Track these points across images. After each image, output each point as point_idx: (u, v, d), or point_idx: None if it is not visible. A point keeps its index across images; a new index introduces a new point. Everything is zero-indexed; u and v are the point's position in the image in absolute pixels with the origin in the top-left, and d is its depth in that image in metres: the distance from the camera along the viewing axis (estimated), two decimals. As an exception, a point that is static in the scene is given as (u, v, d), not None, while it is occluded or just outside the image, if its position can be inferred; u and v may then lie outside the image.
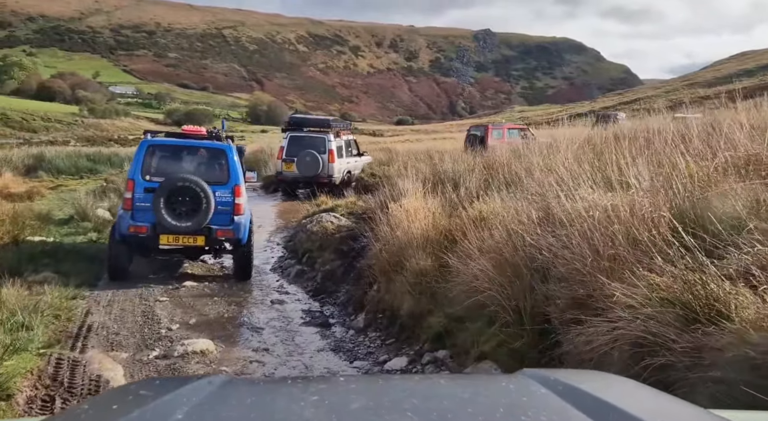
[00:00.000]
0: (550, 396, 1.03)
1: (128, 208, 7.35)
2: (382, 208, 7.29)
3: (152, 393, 1.07)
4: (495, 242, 4.32)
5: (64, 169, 20.65)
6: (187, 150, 7.92)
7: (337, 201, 11.07)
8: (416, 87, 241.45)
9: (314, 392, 1.06)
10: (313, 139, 15.61)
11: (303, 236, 8.92)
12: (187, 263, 8.63)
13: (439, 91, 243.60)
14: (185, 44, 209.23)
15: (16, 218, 8.92)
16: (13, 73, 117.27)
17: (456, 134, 53.50)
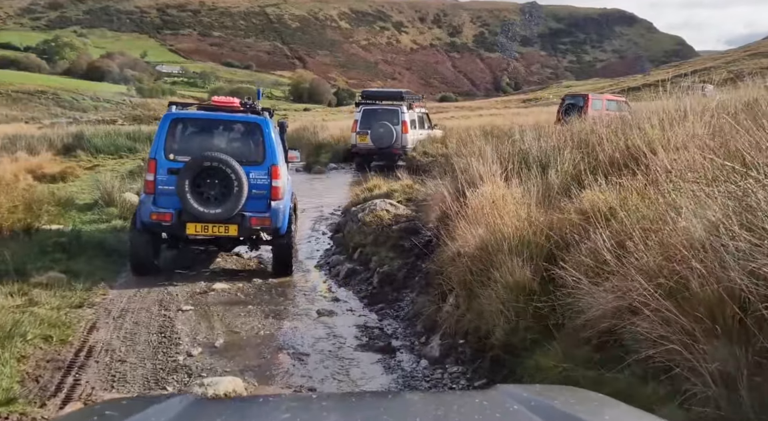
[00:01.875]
0: (523, 412, 1.04)
1: (150, 192, 6.34)
2: (454, 197, 5.87)
3: (118, 414, 1.06)
4: (660, 259, 2.85)
5: (102, 149, 19.85)
6: (217, 124, 6.84)
7: (392, 184, 9.69)
8: (460, 63, 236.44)
9: (286, 409, 1.07)
10: (387, 111, 15.76)
11: (353, 226, 7.59)
12: (219, 257, 7.46)
13: (483, 66, 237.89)
14: (229, 23, 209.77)
15: (31, 204, 7.88)
16: (64, 53, 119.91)
17: (502, 111, 51.15)
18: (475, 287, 4.42)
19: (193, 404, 1.12)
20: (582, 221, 4.21)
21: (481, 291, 4.33)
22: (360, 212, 7.59)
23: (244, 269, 7.18)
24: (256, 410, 1.12)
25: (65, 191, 11.48)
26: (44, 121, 49.09)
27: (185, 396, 1.16)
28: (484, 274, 4.40)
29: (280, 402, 1.19)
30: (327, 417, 1.02)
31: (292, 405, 1.11)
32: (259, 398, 1.33)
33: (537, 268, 4.14)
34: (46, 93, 76.82)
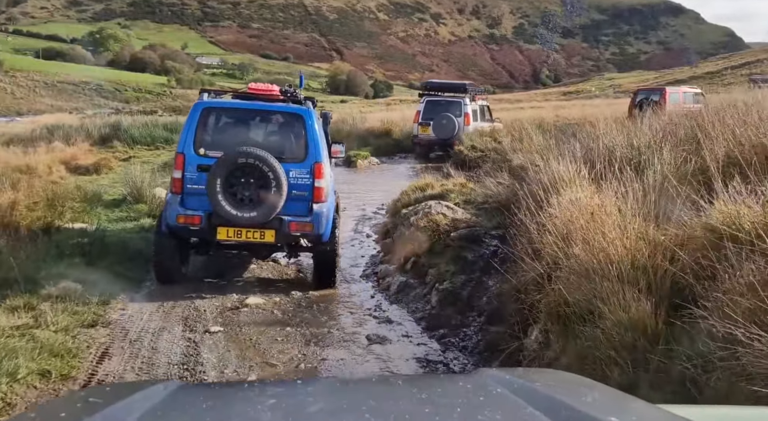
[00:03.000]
0: (506, 395, 1.05)
1: (177, 191, 5.61)
2: (531, 203, 4.91)
3: (102, 400, 1.05)
4: None
5: (139, 139, 19.43)
6: (254, 115, 6.12)
7: (444, 183, 8.76)
8: (498, 55, 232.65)
9: (271, 395, 1.07)
10: (450, 102, 16.00)
11: (405, 231, 6.70)
12: (254, 264, 6.69)
13: (522, 58, 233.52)
14: (268, 15, 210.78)
15: (54, 201, 7.24)
16: (108, 45, 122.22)
17: (543, 104, 49.42)
18: (573, 322, 3.49)
19: (178, 389, 1.13)
20: (716, 239, 3.24)
21: (583, 329, 3.40)
22: (412, 216, 6.69)
23: (281, 279, 6.39)
24: (241, 395, 1.13)
25: (95, 185, 10.92)
26: (87, 112, 49.72)
27: (170, 382, 1.17)
28: (584, 306, 3.46)
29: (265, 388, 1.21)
30: (312, 402, 1.02)
31: (278, 391, 1.13)
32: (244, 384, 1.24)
33: (660, 303, 3.19)
34: (90, 84, 78.16)
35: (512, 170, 9.19)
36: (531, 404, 0.99)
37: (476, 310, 4.80)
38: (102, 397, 1.07)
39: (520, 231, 4.85)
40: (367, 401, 1.04)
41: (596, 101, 49.88)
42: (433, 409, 1.00)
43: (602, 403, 1.08)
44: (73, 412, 1.00)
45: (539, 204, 4.70)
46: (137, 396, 1.04)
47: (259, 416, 0.95)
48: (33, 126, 22.63)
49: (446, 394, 1.11)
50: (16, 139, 19.12)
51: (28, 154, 15.60)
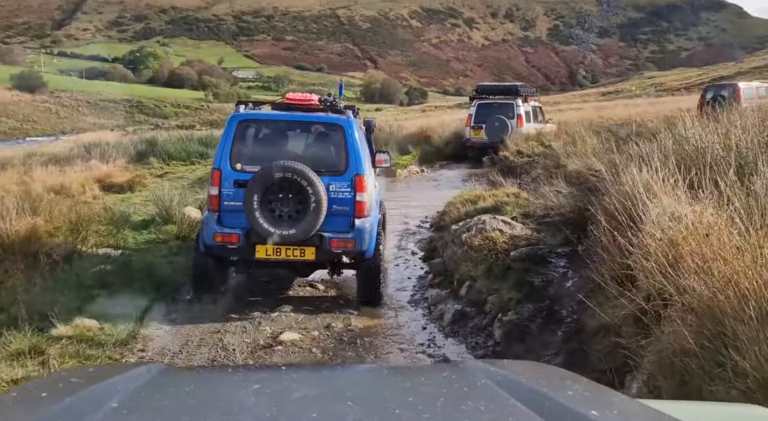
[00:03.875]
0: (490, 386, 1.06)
1: (214, 209, 5.40)
2: (608, 219, 4.12)
3: (84, 380, 1.06)
4: None
5: (174, 155, 19.21)
6: (292, 126, 5.92)
7: (495, 192, 7.98)
8: (533, 57, 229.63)
9: (256, 380, 1.07)
10: (502, 105, 15.89)
11: (456, 251, 5.96)
12: (293, 284, 6.09)
13: (557, 60, 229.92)
14: (301, 27, 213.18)
15: (77, 225, 6.77)
16: (148, 63, 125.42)
17: (582, 105, 47.87)
18: (694, 376, 2.70)
19: (161, 372, 1.12)
20: None
21: (708, 386, 2.61)
22: (464, 232, 5.95)
23: (322, 302, 5.74)
24: (226, 379, 1.14)
25: (127, 204, 10.52)
26: (128, 128, 50.53)
27: (154, 365, 1.14)
28: (710, 356, 2.67)
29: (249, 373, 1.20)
30: (296, 388, 1.02)
31: (262, 376, 1.13)
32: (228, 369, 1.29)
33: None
34: (131, 101, 79.88)
35: (568, 177, 8.37)
36: (514, 396, 1.00)
37: (551, 348, 4.02)
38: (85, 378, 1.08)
39: (598, 252, 4.07)
40: (351, 389, 1.05)
41: (638, 101, 48.19)
42: (416, 398, 1.01)
43: (584, 396, 1.09)
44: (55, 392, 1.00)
45: (624, 220, 3.91)
46: (120, 378, 1.04)
47: (243, 400, 0.96)
48: (72, 145, 22.73)
49: (430, 384, 1.12)
50: (55, 159, 19.13)
51: (64, 173, 15.50)
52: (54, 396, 0.95)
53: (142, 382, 1.02)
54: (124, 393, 0.95)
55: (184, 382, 1.08)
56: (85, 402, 0.91)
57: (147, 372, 1.09)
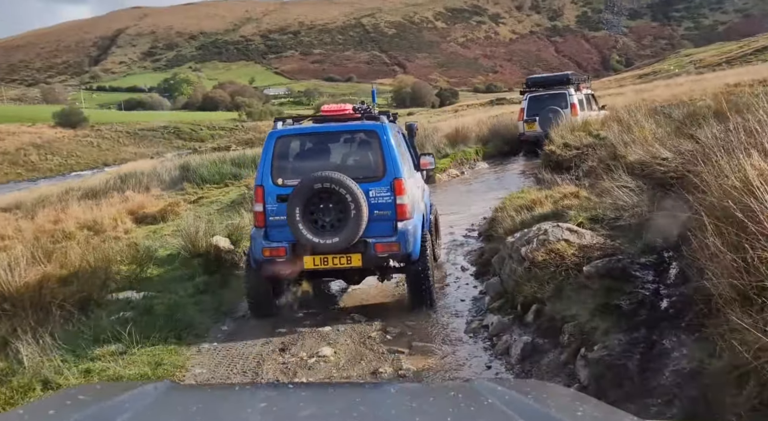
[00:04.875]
0: (497, 406, 1.04)
1: (260, 224, 5.52)
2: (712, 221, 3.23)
3: (92, 398, 1.06)
4: None
5: (208, 178, 18.88)
6: (328, 137, 5.99)
7: (549, 193, 7.08)
8: (563, 46, 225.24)
9: (263, 399, 1.08)
10: (554, 95, 15.62)
11: (516, 267, 5.11)
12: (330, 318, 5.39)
13: (588, 47, 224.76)
14: (327, 39, 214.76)
15: (95, 269, 6.20)
16: (182, 89, 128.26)
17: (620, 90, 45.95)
18: None
19: (168, 390, 1.11)
20: None
21: None
22: (523, 246, 5.09)
23: (365, 337, 5.00)
24: (233, 398, 1.12)
25: (156, 236, 10.05)
26: (167, 155, 51.22)
27: (161, 382, 1.14)
28: None
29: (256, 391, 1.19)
30: (303, 407, 1.00)
31: (270, 394, 1.13)
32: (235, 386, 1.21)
33: None
34: (168, 127, 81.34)
35: (631, 169, 7.42)
36: (521, 416, 0.98)
37: (659, 395, 3.13)
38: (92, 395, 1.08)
39: (704, 263, 3.19)
40: (357, 408, 1.02)
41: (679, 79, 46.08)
42: (422, 418, 1.00)
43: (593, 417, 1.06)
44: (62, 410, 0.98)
45: (739, 222, 3.03)
46: (128, 396, 1.04)
47: (249, 418, 0.97)
48: (109, 176, 22.72)
49: (437, 403, 1.10)
50: (92, 192, 19.05)
51: (99, 207, 15.28)
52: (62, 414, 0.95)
53: (149, 400, 1.03)
54: (132, 411, 0.95)
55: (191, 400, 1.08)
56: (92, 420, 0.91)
57: (154, 390, 1.09)
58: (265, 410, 0.99)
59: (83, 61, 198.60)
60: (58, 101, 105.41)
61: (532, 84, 16.97)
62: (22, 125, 72.77)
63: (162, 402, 1.04)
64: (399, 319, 5.43)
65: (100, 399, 1.02)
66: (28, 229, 14.29)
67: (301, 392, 1.18)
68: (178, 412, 1.01)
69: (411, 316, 5.49)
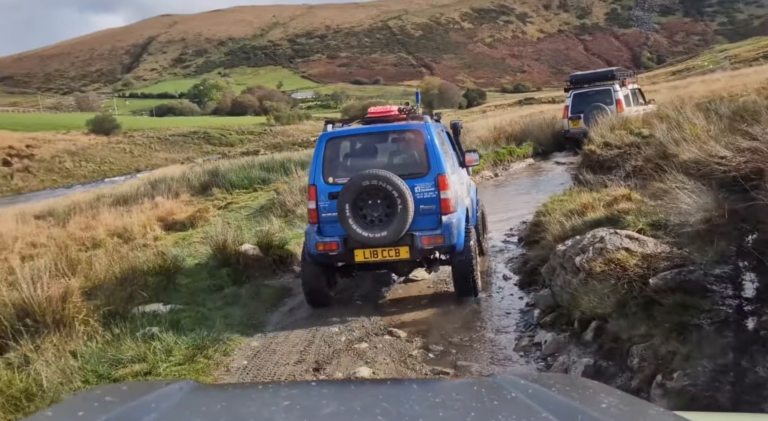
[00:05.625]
0: (521, 400, 1.05)
1: (314, 221, 5.91)
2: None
3: (118, 399, 1.07)
4: None
5: (237, 183, 18.71)
6: (374, 137, 6.29)
7: (598, 196, 6.59)
8: (592, 45, 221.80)
9: (286, 397, 1.08)
10: (598, 92, 15.52)
11: (571, 279, 4.65)
12: (370, 332, 5.01)
13: (618, 44, 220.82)
14: (354, 42, 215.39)
15: (122, 281, 5.94)
16: (211, 95, 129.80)
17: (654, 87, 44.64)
18: None
19: (193, 390, 1.13)
20: None
21: None
22: (577, 255, 4.63)
23: (405, 355, 4.61)
24: (256, 396, 1.13)
25: (185, 243, 9.84)
26: (197, 160, 51.63)
27: (186, 382, 1.17)
28: None
29: (279, 389, 1.19)
30: (326, 405, 1.02)
31: (292, 392, 1.13)
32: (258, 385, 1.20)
33: None
34: (198, 133, 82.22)
35: (684, 169, 6.89)
36: (546, 409, 0.98)
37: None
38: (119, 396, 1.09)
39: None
40: (380, 404, 1.04)
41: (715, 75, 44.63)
42: (446, 413, 1.00)
43: (619, 409, 1.05)
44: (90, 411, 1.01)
45: None
46: (153, 396, 1.05)
47: (273, 417, 0.97)
48: (140, 183, 22.79)
49: (460, 398, 1.10)
50: (122, 199, 19.07)
51: (129, 213, 15.22)
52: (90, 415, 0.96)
53: (174, 400, 1.04)
54: (158, 411, 0.97)
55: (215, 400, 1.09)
56: None
57: (179, 390, 1.10)
58: (288, 408, 1.00)
59: (116, 69, 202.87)
60: (92, 109, 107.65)
61: (576, 81, 16.84)
62: (57, 133, 74.31)
63: (187, 402, 1.05)
64: (441, 335, 5.03)
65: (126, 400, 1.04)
66: (60, 236, 14.31)
67: (323, 389, 1.19)
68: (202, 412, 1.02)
69: (454, 331, 5.09)
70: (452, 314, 5.61)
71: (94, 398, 1.11)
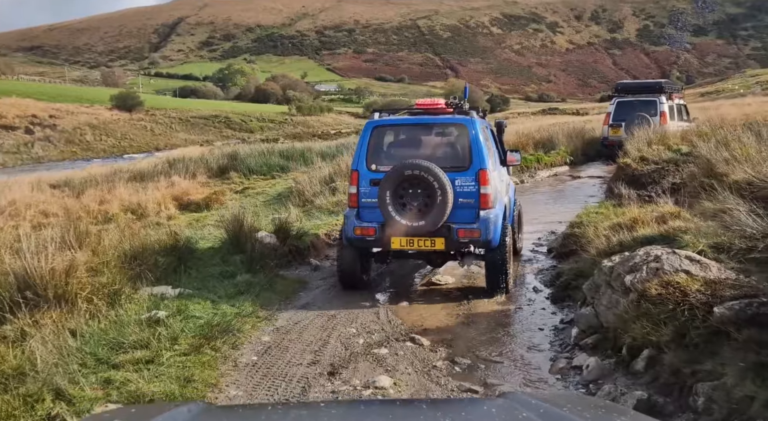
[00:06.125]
0: (531, 419, 1.03)
1: (354, 205, 6.07)
2: None
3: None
4: None
5: (255, 169, 18.38)
6: (420, 129, 6.38)
7: (644, 210, 6.12)
8: (621, 60, 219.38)
9: (294, 418, 1.08)
10: (643, 102, 15.31)
11: (619, 299, 4.22)
12: (390, 338, 4.61)
13: (648, 61, 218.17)
14: (382, 39, 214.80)
15: (131, 259, 5.60)
16: (235, 80, 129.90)
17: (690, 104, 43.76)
18: None
19: (202, 411, 1.11)
20: None
21: None
22: (628, 273, 4.20)
23: (429, 367, 4.21)
24: (264, 417, 1.11)
25: (199, 225, 9.51)
26: (216, 143, 51.47)
27: (194, 403, 1.15)
28: None
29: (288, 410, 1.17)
30: None
31: (301, 413, 1.11)
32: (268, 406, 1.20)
33: None
34: (219, 117, 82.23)
35: (737, 189, 6.42)
36: None
37: None
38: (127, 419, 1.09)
39: None
40: None
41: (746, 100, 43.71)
42: None
43: None
44: None
45: None
46: (161, 419, 1.02)
47: None
48: (157, 161, 22.54)
49: (471, 418, 1.08)
50: (139, 176, 18.83)
51: (145, 190, 14.97)
52: None
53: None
54: None
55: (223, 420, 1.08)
56: None
57: (188, 412, 1.08)
58: None
59: (143, 47, 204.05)
60: (116, 85, 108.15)
61: (622, 89, 16.65)
62: (81, 105, 74.64)
63: None
64: (467, 347, 4.63)
65: None
66: (74, 207, 14.08)
67: (333, 410, 1.17)
68: None
69: (481, 344, 4.68)
70: (478, 323, 5.21)
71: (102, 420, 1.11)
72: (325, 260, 7.60)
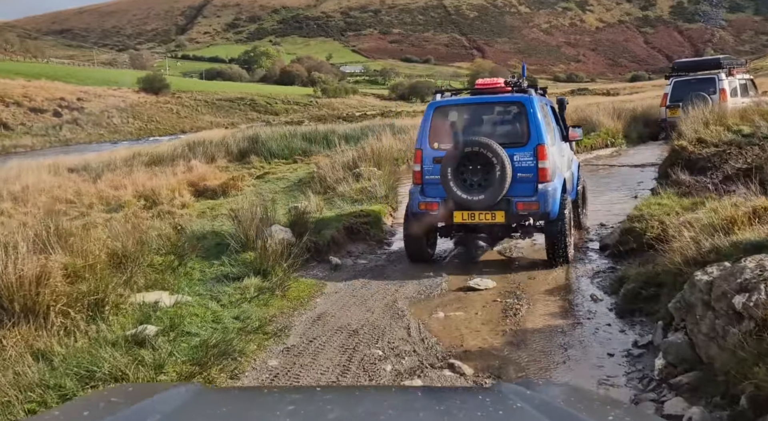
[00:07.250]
0: (527, 410, 1.02)
1: (418, 182, 6.39)
2: None
3: (124, 400, 1.08)
4: None
5: (276, 152, 17.60)
6: (480, 108, 6.63)
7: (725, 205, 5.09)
8: (653, 38, 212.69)
9: (290, 402, 1.07)
10: (701, 80, 14.87)
11: (728, 328, 3.24)
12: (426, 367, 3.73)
13: (681, 39, 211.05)
14: (408, 19, 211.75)
15: (122, 260, 4.81)
16: (261, 62, 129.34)
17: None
18: None
19: (198, 393, 1.12)
20: None
21: None
22: (738, 293, 3.22)
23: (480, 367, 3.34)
24: (260, 400, 1.12)
25: (211, 214, 8.73)
26: (241, 126, 50.96)
27: (191, 385, 1.15)
28: None
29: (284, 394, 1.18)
30: (330, 410, 1.00)
31: (296, 397, 1.11)
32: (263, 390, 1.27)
33: None
34: (244, 99, 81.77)
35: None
36: (550, 419, 0.95)
37: None
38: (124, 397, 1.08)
39: None
40: (385, 411, 1.03)
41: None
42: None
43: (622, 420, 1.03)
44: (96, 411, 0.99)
45: None
46: (158, 398, 1.04)
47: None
48: (177, 144, 21.91)
49: (465, 407, 1.07)
50: (158, 159, 18.23)
51: (164, 174, 14.32)
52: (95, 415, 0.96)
53: (178, 403, 1.02)
54: (162, 414, 0.95)
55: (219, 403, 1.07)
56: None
57: (184, 392, 1.09)
58: (292, 412, 0.98)
59: (171, 30, 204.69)
60: (144, 67, 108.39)
61: (679, 68, 16.14)
62: (108, 88, 74.89)
63: (191, 405, 1.03)
64: (520, 377, 3.72)
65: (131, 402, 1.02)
66: (88, 193, 13.50)
67: (328, 395, 1.16)
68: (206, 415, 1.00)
69: (537, 374, 3.77)
70: (529, 343, 4.30)
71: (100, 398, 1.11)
72: (347, 257, 6.75)
